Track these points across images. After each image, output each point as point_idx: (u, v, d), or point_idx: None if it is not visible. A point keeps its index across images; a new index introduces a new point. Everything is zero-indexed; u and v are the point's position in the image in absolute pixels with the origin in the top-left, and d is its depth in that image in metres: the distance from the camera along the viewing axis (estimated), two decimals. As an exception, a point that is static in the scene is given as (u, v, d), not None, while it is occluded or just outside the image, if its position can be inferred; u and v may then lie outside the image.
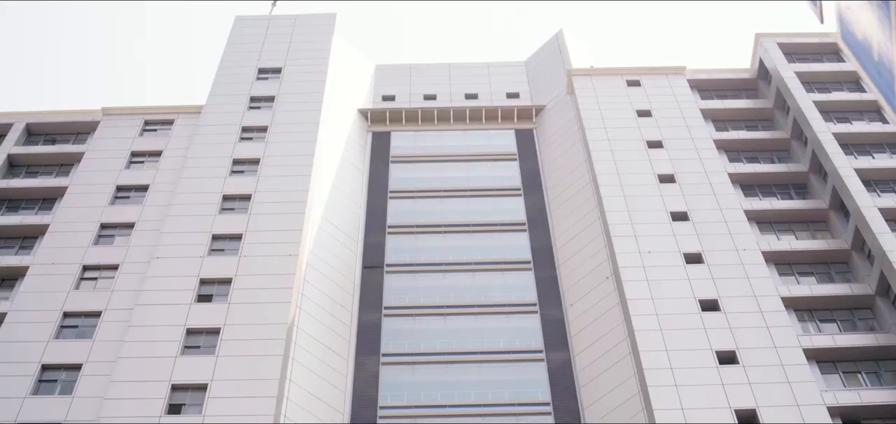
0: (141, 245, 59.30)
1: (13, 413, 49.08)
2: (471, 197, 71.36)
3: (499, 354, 58.44)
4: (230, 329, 52.40)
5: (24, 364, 51.47)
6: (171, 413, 48.42)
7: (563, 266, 63.88)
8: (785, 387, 49.42)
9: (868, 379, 51.43)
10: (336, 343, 57.27)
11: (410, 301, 62.35)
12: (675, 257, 57.33)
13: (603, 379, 54.28)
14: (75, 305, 55.33)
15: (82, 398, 49.80)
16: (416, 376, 57.40)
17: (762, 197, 63.66)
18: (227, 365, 50.33)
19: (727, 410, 48.31)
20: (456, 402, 55.55)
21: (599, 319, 57.46)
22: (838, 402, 49.11)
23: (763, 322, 53.02)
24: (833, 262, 58.65)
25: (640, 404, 50.70)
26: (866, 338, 52.74)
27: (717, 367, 50.48)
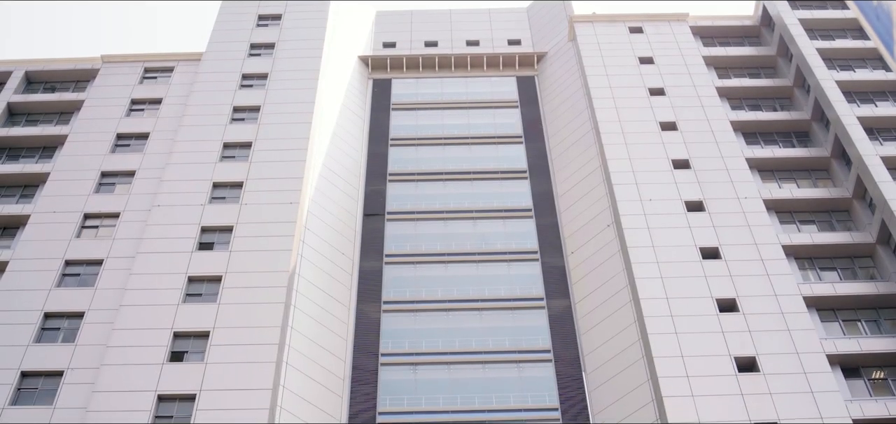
0: (142, 193, 59.32)
1: (16, 361, 49.34)
2: (472, 144, 71.23)
3: (500, 301, 58.62)
4: (232, 276, 52.54)
5: (26, 313, 51.71)
6: (174, 360, 48.68)
7: (564, 213, 63.90)
8: (784, 335, 49.62)
9: (868, 328, 51.62)
10: (337, 290, 57.43)
11: (411, 248, 62.44)
12: (676, 205, 57.33)
13: (603, 327, 54.48)
14: (77, 253, 55.44)
15: (85, 345, 50.03)
16: (417, 323, 57.62)
17: (764, 145, 63.54)
18: (229, 313, 50.52)
19: (727, 357, 48.54)
20: (456, 349, 55.80)
21: (600, 267, 57.56)
22: (838, 350, 49.35)
23: (763, 270, 53.13)
24: (834, 211, 58.65)
25: (640, 351, 50.94)
26: (866, 287, 52.88)
27: (718, 315, 50.67)
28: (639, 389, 49.61)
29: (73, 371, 48.72)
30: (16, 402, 47.74)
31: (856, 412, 46.41)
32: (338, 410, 51.53)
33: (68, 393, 47.64)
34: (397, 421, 52.09)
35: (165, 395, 46.84)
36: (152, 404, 46.24)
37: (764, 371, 47.84)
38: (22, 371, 48.89)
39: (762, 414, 46.00)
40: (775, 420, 45.76)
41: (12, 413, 46.84)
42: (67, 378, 48.34)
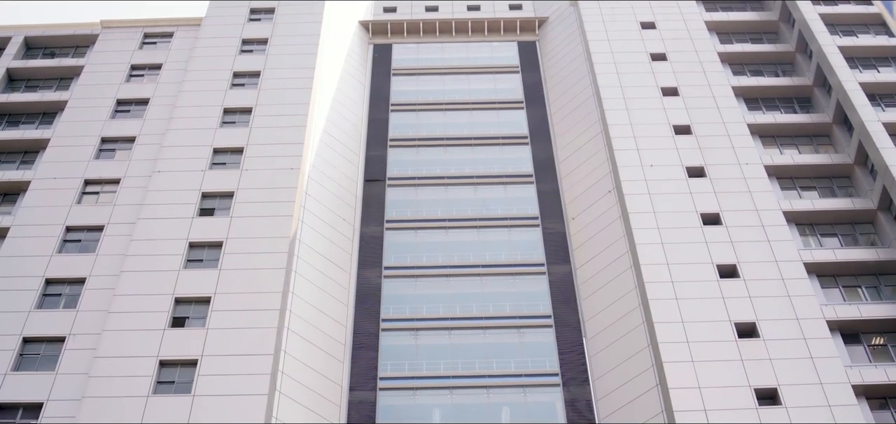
0: (142, 159, 59.29)
1: (18, 327, 49.46)
2: (473, 110, 71.08)
3: (500, 267, 58.68)
4: (233, 242, 52.60)
5: (27, 279, 51.79)
6: (175, 326, 48.81)
7: (565, 179, 63.84)
8: (785, 301, 49.71)
9: (868, 294, 51.70)
10: (338, 256, 57.50)
11: (412, 214, 62.47)
12: (677, 171, 57.28)
13: (604, 292, 54.56)
14: (78, 219, 55.48)
15: (86, 311, 50.15)
16: (418, 288, 57.72)
17: (766, 110, 63.40)
18: (230, 278, 50.61)
19: (727, 323, 48.65)
20: (457, 314, 55.93)
21: (601, 232, 57.58)
22: (838, 316, 49.45)
23: (764, 236, 53.16)
24: (835, 177, 58.60)
25: (640, 317, 51.05)
26: (867, 253, 52.91)
27: (718, 281, 50.73)
28: (639, 354, 49.76)
29: (74, 337, 48.86)
30: (18, 368, 47.91)
31: (855, 377, 46.56)
32: (339, 375, 51.72)
33: (70, 359, 47.80)
34: (398, 386, 52.29)
35: (167, 361, 46.99)
36: (154, 369, 46.41)
37: (764, 337, 47.96)
38: (24, 338, 49.03)
39: (762, 380, 46.16)
40: (775, 385, 45.93)
41: (15, 379, 47.01)
42: (69, 344, 48.49)
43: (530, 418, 50.65)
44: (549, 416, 50.77)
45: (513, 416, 50.83)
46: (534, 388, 52.19)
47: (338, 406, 50.31)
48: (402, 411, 51.15)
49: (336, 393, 50.77)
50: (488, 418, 50.68)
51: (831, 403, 45.03)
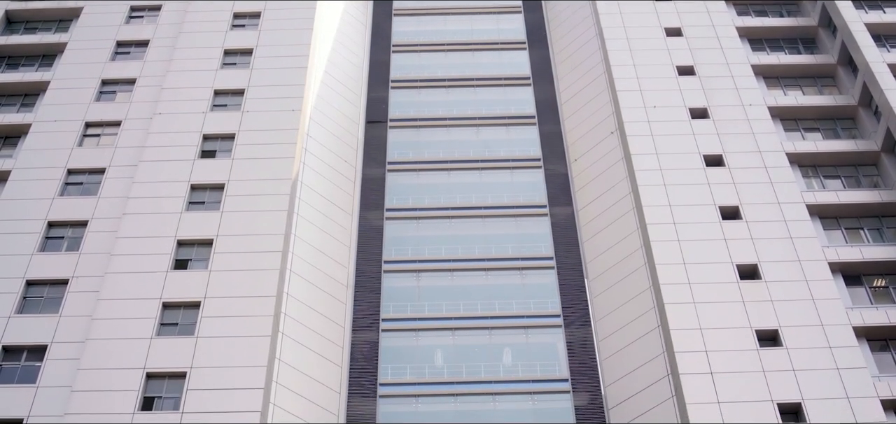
0: (143, 101, 59.02)
1: (21, 269, 49.54)
2: (475, 50, 70.64)
3: (502, 209, 58.66)
4: (234, 184, 52.53)
5: (29, 222, 51.76)
6: (178, 268, 48.89)
7: (568, 120, 63.61)
8: (787, 243, 49.71)
9: (870, 236, 51.68)
10: (340, 197, 57.47)
11: (414, 155, 62.32)
12: (680, 112, 57.03)
13: (606, 234, 54.58)
14: (79, 162, 55.35)
15: (89, 254, 50.19)
16: (420, 231, 57.75)
17: (770, 51, 62.94)
18: (232, 220, 50.62)
19: (729, 265, 48.70)
20: (459, 256, 56.02)
21: (603, 174, 57.48)
22: (839, 258, 49.46)
23: (767, 177, 53.03)
24: (839, 118, 58.31)
25: (642, 258, 51.09)
26: (870, 195, 52.79)
27: (720, 223, 50.71)
28: (641, 296, 49.87)
29: (77, 279, 48.95)
30: (22, 310, 48.05)
31: (856, 319, 46.68)
32: (341, 316, 51.92)
33: (73, 302, 47.92)
34: (401, 328, 52.51)
35: (170, 303, 47.13)
36: (157, 311, 46.55)
37: (765, 279, 48.01)
38: (27, 280, 49.10)
39: (763, 321, 46.28)
40: (776, 327, 46.06)
41: (18, 322, 47.17)
42: (72, 287, 48.59)
43: (532, 359, 50.90)
44: (551, 357, 51.02)
45: (514, 357, 51.10)
46: (535, 329, 52.40)
47: (340, 347, 50.56)
48: (405, 352, 51.41)
49: (339, 334, 50.99)
50: (490, 359, 50.94)
51: (832, 345, 45.18)
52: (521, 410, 48.83)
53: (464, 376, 50.31)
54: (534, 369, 50.52)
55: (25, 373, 45.34)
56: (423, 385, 49.95)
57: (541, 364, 50.76)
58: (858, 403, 42.95)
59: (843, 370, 44.22)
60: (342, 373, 49.72)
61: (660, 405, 45.39)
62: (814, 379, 43.90)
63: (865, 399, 43.08)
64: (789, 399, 43.28)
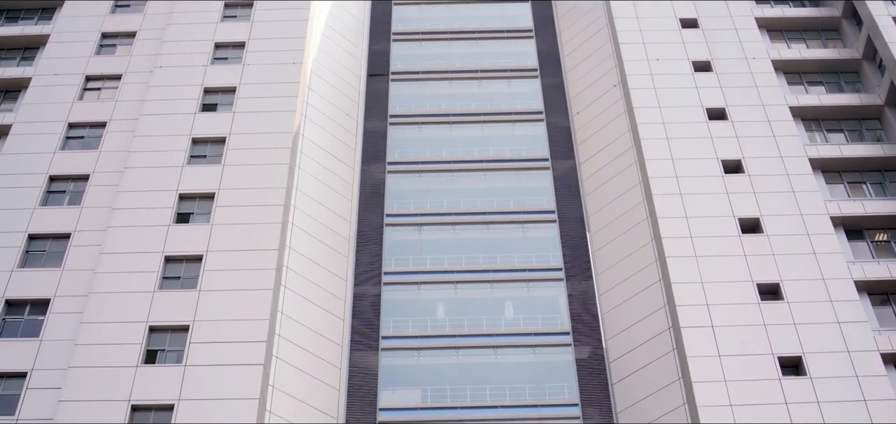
0: (143, 54, 58.75)
1: (23, 224, 49.57)
2: (477, 3, 70.19)
3: (504, 162, 58.58)
4: (236, 138, 52.43)
5: (31, 176, 51.71)
6: (180, 222, 48.92)
7: (570, 73, 63.35)
8: (789, 197, 49.66)
9: (873, 190, 51.61)
10: (342, 151, 57.38)
11: (416, 109, 62.14)
12: (683, 65, 56.76)
13: (608, 187, 54.53)
14: (80, 116, 55.18)
15: (91, 208, 50.19)
16: (421, 184, 57.71)
17: (774, 4, 62.48)
18: (234, 174, 50.56)
19: (731, 219, 48.69)
20: (461, 209, 56.02)
21: (606, 127, 57.33)
22: (842, 212, 49.44)
23: (770, 131, 52.89)
24: (843, 72, 58.02)
25: (644, 212, 51.09)
26: (873, 149, 52.65)
27: (722, 176, 50.64)
28: (643, 249, 49.93)
29: (79, 233, 48.99)
30: (24, 265, 48.12)
31: (857, 273, 46.74)
32: (343, 269, 52.02)
33: (76, 255, 47.99)
34: (403, 281, 52.63)
35: (172, 256, 47.21)
36: (159, 265, 46.64)
37: (767, 233, 48.03)
38: (29, 235, 49.13)
39: (764, 275, 46.37)
40: (777, 280, 46.14)
41: (21, 276, 47.26)
42: (74, 241, 48.64)
43: (533, 312, 51.05)
44: (552, 310, 51.16)
45: (516, 310, 51.25)
46: (537, 283, 52.51)
47: (342, 301, 50.69)
48: (407, 305, 51.55)
49: (341, 288, 51.12)
50: (492, 312, 51.09)
51: (833, 298, 45.27)
52: (523, 363, 49.05)
53: (465, 329, 50.50)
54: (535, 322, 50.71)
55: (29, 327, 45.52)
56: (424, 338, 50.16)
57: (542, 318, 50.92)
58: (859, 357, 43.12)
59: (844, 323, 44.34)
60: (344, 326, 49.90)
61: (661, 358, 45.59)
62: (814, 333, 44.03)
63: (866, 353, 43.25)
64: (790, 353, 43.44)
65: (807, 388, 42.14)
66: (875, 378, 42.38)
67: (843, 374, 42.52)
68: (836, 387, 42.12)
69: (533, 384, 48.16)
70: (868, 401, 41.66)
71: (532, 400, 47.46)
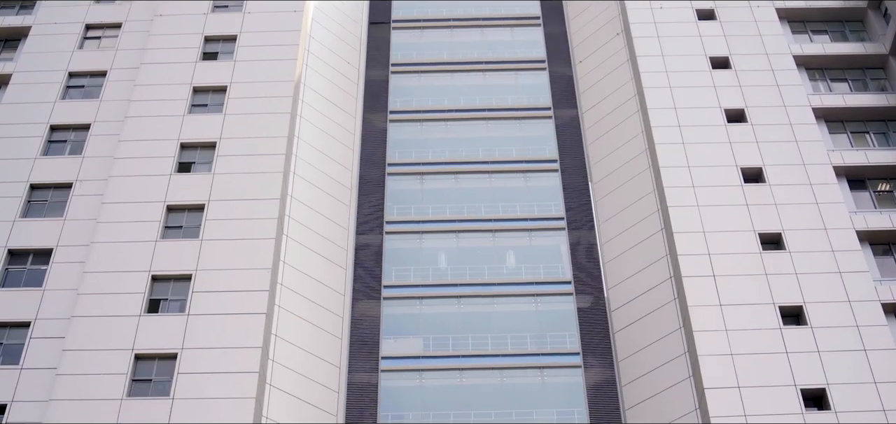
0: (144, 1, 58.37)
1: (24, 173, 49.54)
2: (479, -51, 69.57)
3: (506, 111, 58.36)
4: (237, 86, 52.24)
5: (32, 126, 51.62)
6: (181, 171, 48.88)
7: (573, 21, 62.95)
8: (791, 146, 49.54)
9: (876, 140, 51.43)
10: (343, 100, 57.20)
11: (417, 57, 61.82)
12: (687, 12, 56.37)
13: (611, 137, 54.39)
14: (80, 65, 54.93)
15: (92, 157, 50.14)
16: (423, 133, 57.56)
17: (779, -50, 61.92)
18: (235, 123, 50.45)
19: (733, 168, 48.60)
20: (463, 158, 55.91)
21: (609, 76, 57.08)
22: (845, 162, 49.32)
23: (773, 80, 52.64)
24: (848, 21, 57.57)
25: (647, 161, 51.00)
26: (877, 99, 52.41)
27: (726, 126, 50.48)
28: (645, 199, 49.90)
29: (81, 183, 48.99)
30: (26, 214, 48.18)
31: (859, 223, 46.73)
32: (345, 219, 52.06)
33: (78, 205, 48.03)
34: (404, 230, 52.66)
35: (174, 206, 47.23)
36: (161, 214, 46.67)
37: (770, 183, 47.96)
38: (31, 184, 49.15)
39: (766, 225, 46.37)
40: (779, 230, 46.15)
41: (23, 226, 47.32)
42: (76, 190, 48.65)
43: (535, 261, 51.12)
44: (554, 259, 51.22)
45: (518, 259, 51.32)
46: (539, 232, 52.52)
47: (344, 250, 50.78)
48: (408, 254, 51.63)
49: (342, 237, 51.17)
50: (493, 261, 51.17)
51: (835, 248, 45.30)
52: (524, 312, 49.20)
53: (467, 278, 50.59)
54: (537, 271, 50.79)
55: (31, 277, 45.66)
56: (426, 287, 50.27)
57: (544, 267, 50.99)
58: (859, 306, 43.23)
59: (845, 273, 44.40)
60: (346, 275, 50.01)
61: (662, 307, 45.72)
62: (815, 283, 44.11)
63: (866, 303, 43.35)
64: (791, 302, 43.55)
65: (807, 337, 42.29)
66: (876, 327, 42.51)
67: (844, 324, 42.65)
68: (836, 337, 42.26)
69: (534, 333, 48.34)
70: (868, 351, 41.82)
71: (533, 349, 47.66)
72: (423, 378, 46.90)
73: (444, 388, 46.46)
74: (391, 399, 46.14)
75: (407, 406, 45.88)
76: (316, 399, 44.36)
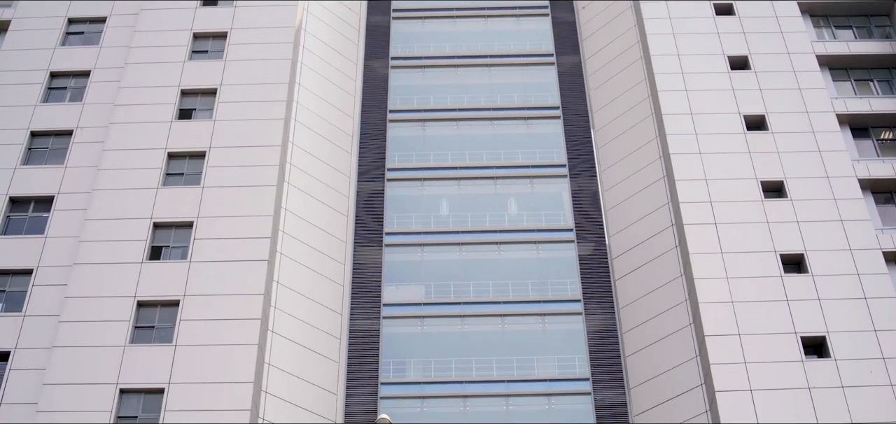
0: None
1: (25, 121, 49.43)
2: None
3: (508, 57, 58.07)
4: (236, 32, 51.94)
5: (31, 72, 51.38)
6: (182, 117, 48.77)
7: (576, -34, 62.50)
8: (795, 93, 49.31)
9: (880, 88, 51.16)
10: (344, 45, 56.92)
11: (419, 3, 61.40)
12: (690, -42, 55.92)
13: (613, 83, 54.15)
14: (80, 11, 54.48)
15: (93, 105, 49.98)
16: (425, 79, 57.36)
17: None
18: (235, 70, 50.25)
19: (736, 115, 48.42)
20: (465, 105, 55.72)
21: (612, 21, 56.71)
22: (848, 110, 49.11)
23: (777, 27, 52.27)
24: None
25: (649, 108, 50.82)
26: (881, 46, 52.05)
27: (729, 73, 50.22)
28: (647, 146, 49.78)
29: (82, 130, 48.87)
30: (27, 162, 48.15)
31: (862, 171, 46.62)
32: (347, 165, 51.99)
33: (79, 152, 47.95)
34: (406, 177, 52.61)
35: (175, 153, 47.15)
36: (162, 161, 46.61)
37: (772, 130, 47.81)
38: (31, 131, 49.05)
39: (768, 172, 46.28)
40: (781, 178, 46.05)
41: (24, 173, 47.29)
42: (77, 138, 48.54)
43: (537, 208, 51.14)
44: (556, 206, 51.23)
45: (519, 207, 51.33)
46: (541, 179, 52.48)
47: (346, 197, 50.78)
48: (410, 201, 51.64)
49: (344, 184, 51.15)
50: (495, 208, 51.18)
51: (836, 196, 45.24)
52: (526, 259, 49.29)
53: (469, 225, 50.64)
54: (539, 218, 50.82)
55: (33, 224, 45.70)
56: (428, 235, 50.32)
57: (546, 214, 51.01)
58: (860, 255, 43.26)
59: (847, 221, 44.38)
60: (348, 222, 50.05)
61: (664, 254, 45.76)
62: (817, 230, 44.11)
63: (868, 251, 43.36)
64: (792, 250, 43.57)
65: (808, 285, 42.35)
66: (876, 276, 42.56)
67: (845, 272, 42.69)
68: (837, 285, 42.33)
69: (536, 280, 48.45)
70: (869, 299, 41.90)
71: (535, 296, 47.81)
72: (424, 325, 47.10)
73: (445, 335, 46.68)
74: (393, 346, 46.38)
75: (408, 353, 46.12)
76: (318, 345, 44.59)
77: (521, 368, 45.37)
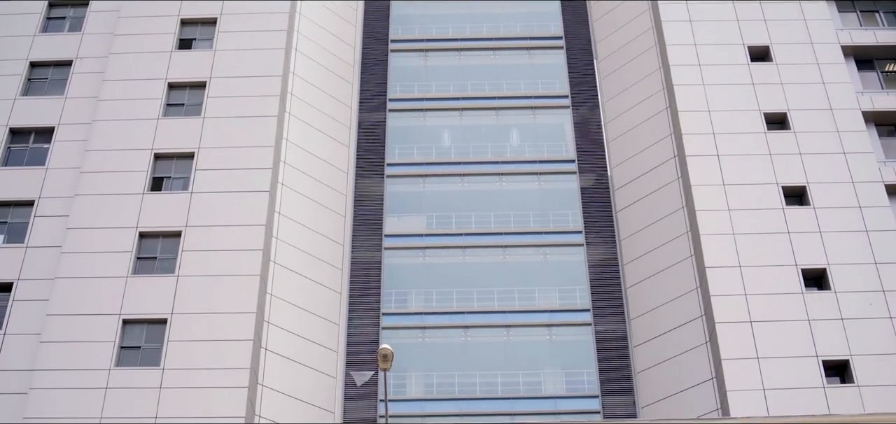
0: None
1: (23, 51, 49.05)
2: None
3: (511, -13, 57.72)
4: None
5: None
6: (182, 47, 48.44)
7: None
8: (800, 24, 48.88)
9: (885, 20, 50.67)
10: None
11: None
12: None
13: (617, 13, 53.79)
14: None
15: (92, 34, 49.49)
16: (426, 9, 56.99)
17: None
18: (236, 0, 49.93)
19: (740, 46, 48.14)
20: (467, 35, 55.33)
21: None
22: (852, 41, 48.67)
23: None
24: None
25: (653, 39, 50.52)
26: (890, -16, 51.63)
27: (733, 3, 49.73)
28: (651, 76, 49.53)
29: (82, 60, 48.55)
30: (27, 93, 47.93)
31: (866, 103, 46.37)
32: (348, 96, 51.79)
33: (79, 82, 47.71)
34: (408, 107, 52.43)
35: (175, 83, 46.94)
36: (163, 92, 46.41)
37: (776, 61, 47.49)
38: (31, 62, 48.73)
39: (771, 104, 46.07)
40: (784, 109, 45.86)
41: (24, 104, 47.09)
42: (76, 68, 48.24)
43: (539, 139, 51.00)
44: (558, 137, 51.09)
45: (521, 137, 51.19)
46: (543, 110, 52.28)
47: (347, 127, 50.61)
48: (412, 132, 51.50)
49: (345, 114, 50.96)
50: (497, 139, 51.05)
51: (840, 128, 45.06)
52: (528, 190, 49.28)
53: (471, 156, 50.56)
54: (541, 149, 50.72)
55: (34, 155, 45.63)
56: (430, 165, 50.26)
57: (548, 145, 50.90)
58: (863, 187, 43.20)
59: (849, 154, 44.26)
60: (349, 153, 49.95)
61: (666, 186, 45.72)
62: (819, 163, 44.00)
63: (870, 184, 43.29)
64: (794, 183, 43.51)
65: (809, 217, 42.35)
66: (877, 208, 42.54)
67: (846, 204, 42.65)
68: (838, 217, 42.34)
69: (537, 211, 48.50)
70: (870, 232, 41.92)
71: (536, 227, 47.88)
72: (426, 256, 47.23)
73: (447, 266, 46.83)
74: (394, 277, 46.55)
75: (410, 284, 46.31)
76: (320, 276, 44.75)
77: (523, 299, 45.59)
